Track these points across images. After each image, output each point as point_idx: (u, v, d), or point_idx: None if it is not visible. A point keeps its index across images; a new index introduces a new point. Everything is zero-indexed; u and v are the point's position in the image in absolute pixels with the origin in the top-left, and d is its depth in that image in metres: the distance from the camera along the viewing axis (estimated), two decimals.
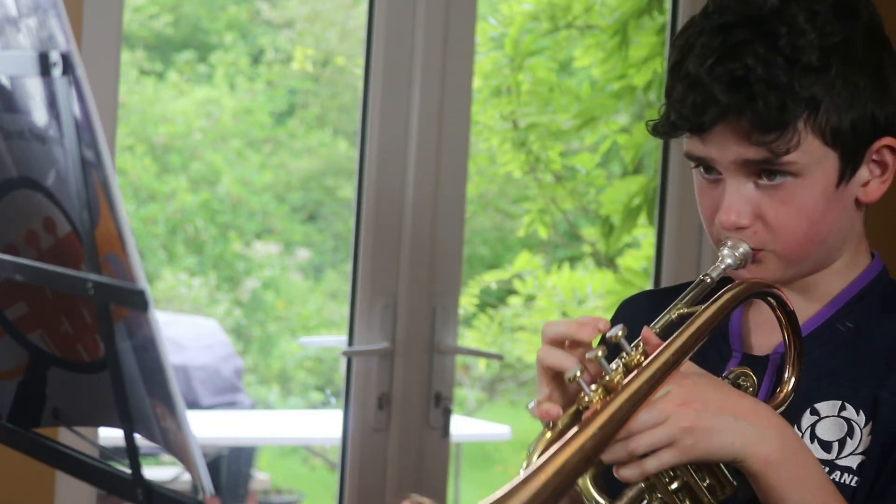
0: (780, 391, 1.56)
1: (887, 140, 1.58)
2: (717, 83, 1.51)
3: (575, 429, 1.41)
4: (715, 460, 1.46)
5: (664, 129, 1.58)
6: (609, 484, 1.48)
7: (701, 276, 1.56)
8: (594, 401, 1.42)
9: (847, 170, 1.56)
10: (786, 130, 1.50)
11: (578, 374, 1.44)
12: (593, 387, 1.43)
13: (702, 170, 1.59)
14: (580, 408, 1.45)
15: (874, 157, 1.59)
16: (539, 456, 1.41)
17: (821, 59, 1.51)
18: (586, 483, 1.47)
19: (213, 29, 8.94)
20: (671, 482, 1.48)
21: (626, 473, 1.43)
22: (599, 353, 1.45)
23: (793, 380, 1.55)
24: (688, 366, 1.49)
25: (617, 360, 1.46)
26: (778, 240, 1.56)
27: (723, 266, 1.55)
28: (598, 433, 1.39)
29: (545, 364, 1.50)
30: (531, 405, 1.47)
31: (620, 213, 4.55)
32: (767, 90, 1.49)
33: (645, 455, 1.43)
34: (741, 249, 1.56)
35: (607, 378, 1.44)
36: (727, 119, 1.52)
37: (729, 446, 1.44)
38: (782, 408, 1.54)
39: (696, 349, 1.48)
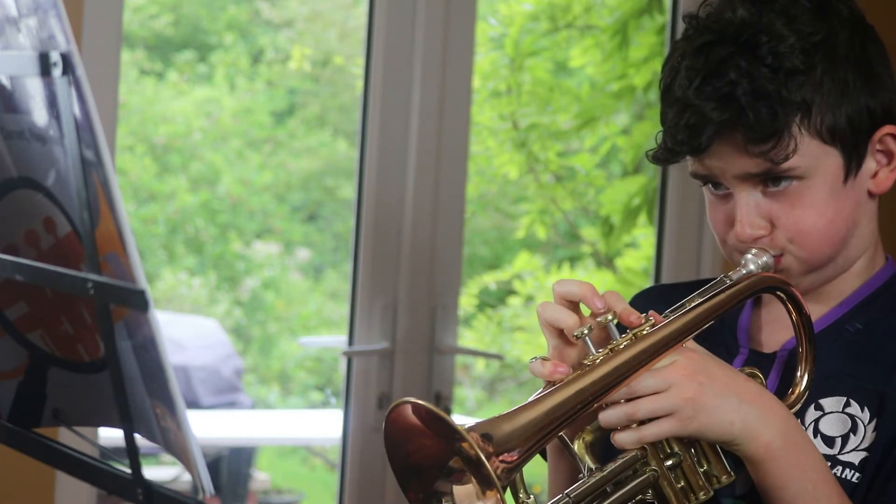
0: (793, 392, 1.56)
1: (888, 128, 1.59)
2: (707, 102, 1.52)
3: (577, 373, 1.42)
4: (713, 438, 1.46)
5: (664, 155, 1.59)
6: (605, 455, 1.49)
7: (722, 276, 1.57)
8: (599, 361, 1.44)
9: (852, 164, 1.56)
10: (781, 138, 1.51)
11: (586, 331, 1.45)
12: (601, 350, 1.45)
13: (710, 186, 1.61)
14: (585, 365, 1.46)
15: (878, 147, 1.59)
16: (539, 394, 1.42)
17: (804, 61, 1.52)
18: (582, 448, 1.48)
19: (213, 29, 8.94)
20: (666, 458, 1.48)
21: (622, 439, 1.44)
22: (610, 318, 1.47)
23: (805, 379, 1.56)
24: (694, 345, 1.50)
25: (628, 332, 1.48)
26: (796, 243, 1.57)
27: (744, 271, 1.56)
28: (599, 380, 1.41)
29: (544, 318, 1.51)
30: (535, 361, 1.47)
31: (620, 213, 4.55)
32: (755, 101, 1.50)
33: (643, 423, 1.44)
34: (764, 259, 1.56)
35: (614, 343, 1.45)
36: (722, 136, 1.53)
37: (728, 426, 1.45)
38: (796, 407, 1.55)
39: (702, 328, 1.50)
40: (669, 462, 1.48)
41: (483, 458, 1.30)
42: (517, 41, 5.18)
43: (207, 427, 6.35)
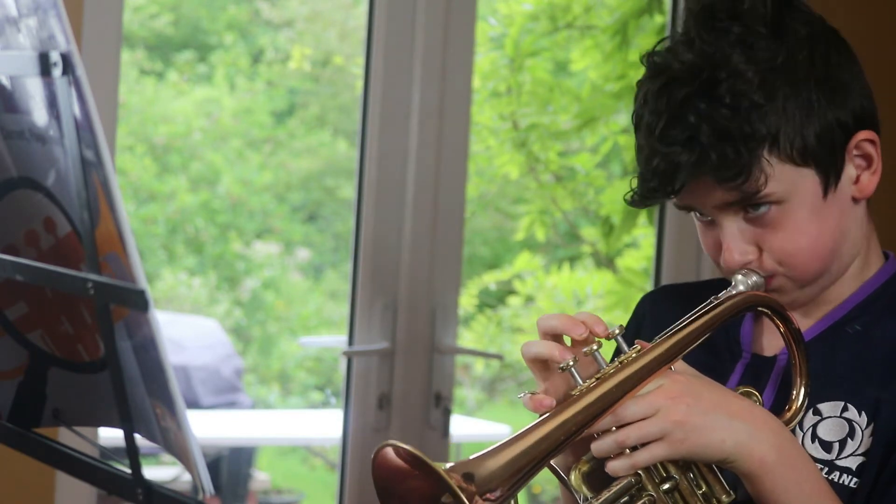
0: (790, 408, 1.56)
1: (862, 134, 1.57)
2: (673, 147, 1.51)
3: (561, 405, 1.42)
4: (706, 458, 1.46)
5: (640, 200, 1.59)
6: (601, 484, 1.49)
7: (712, 298, 1.56)
8: (585, 390, 1.44)
9: (830, 179, 1.55)
10: (751, 172, 1.50)
11: (571, 363, 1.46)
12: (587, 381, 1.45)
13: (696, 213, 1.60)
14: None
15: (855, 153, 1.58)
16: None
17: (765, 94, 1.50)
18: (578, 478, 1.48)
19: (213, 29, 8.94)
20: (662, 483, 1.48)
21: (615, 466, 1.44)
22: (594, 347, 1.47)
23: (801, 394, 1.55)
24: (682, 366, 1.50)
25: (614, 358, 1.48)
26: (785, 265, 1.57)
27: (734, 293, 1.56)
28: (583, 410, 1.41)
29: (528, 356, 1.51)
30: (523, 396, 1.48)
31: (620, 213, 4.56)
32: (718, 143, 1.49)
33: (635, 449, 1.43)
34: (753, 279, 1.56)
35: (602, 372, 1.45)
36: (693, 177, 1.52)
37: (720, 444, 1.45)
38: (792, 423, 1.55)
39: (689, 349, 1.50)
40: (666, 486, 1.48)
41: (465, 499, 1.30)
42: (517, 41, 5.18)
43: (207, 427, 6.35)
